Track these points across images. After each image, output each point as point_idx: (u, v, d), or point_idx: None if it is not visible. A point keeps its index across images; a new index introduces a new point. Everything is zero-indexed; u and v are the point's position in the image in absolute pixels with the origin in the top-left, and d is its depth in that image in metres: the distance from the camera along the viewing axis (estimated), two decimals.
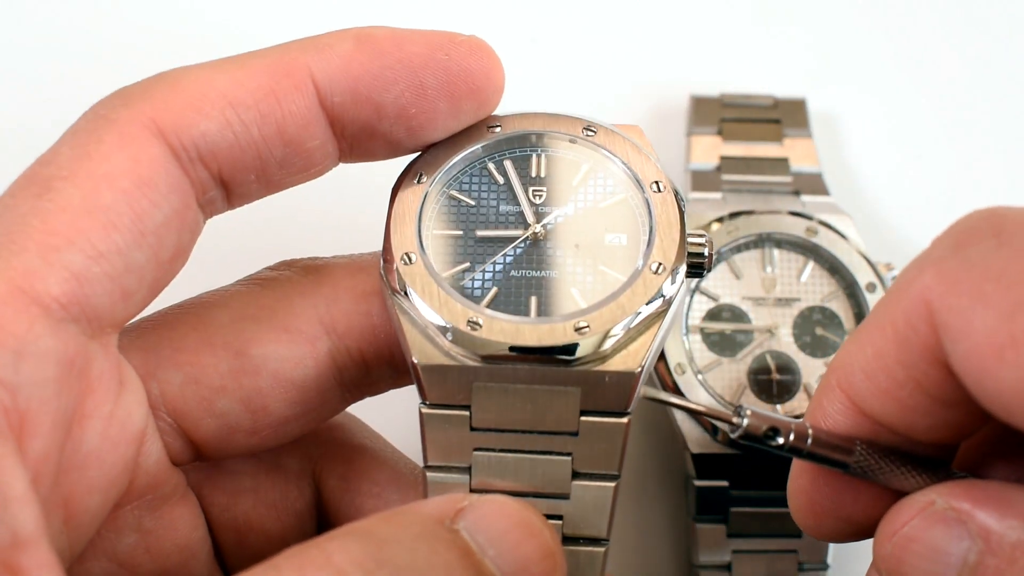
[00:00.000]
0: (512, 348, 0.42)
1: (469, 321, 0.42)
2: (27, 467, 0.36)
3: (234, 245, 0.60)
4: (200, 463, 0.48)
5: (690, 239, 0.45)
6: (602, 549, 0.45)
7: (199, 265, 0.45)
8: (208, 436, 0.45)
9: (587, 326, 0.42)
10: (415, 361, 0.42)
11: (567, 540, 0.44)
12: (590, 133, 0.47)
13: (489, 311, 0.43)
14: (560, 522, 0.44)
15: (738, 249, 0.64)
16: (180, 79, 0.42)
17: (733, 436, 0.42)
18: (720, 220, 0.64)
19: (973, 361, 0.37)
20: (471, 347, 0.42)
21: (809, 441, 0.41)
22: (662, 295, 0.43)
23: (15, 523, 0.35)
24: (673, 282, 0.44)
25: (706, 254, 0.45)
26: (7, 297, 0.37)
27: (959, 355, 0.37)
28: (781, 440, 0.41)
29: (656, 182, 0.46)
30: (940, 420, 0.41)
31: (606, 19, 0.77)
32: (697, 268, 0.45)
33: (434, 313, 0.43)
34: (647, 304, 0.43)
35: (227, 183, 0.43)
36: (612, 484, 0.44)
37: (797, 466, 0.44)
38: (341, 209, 0.69)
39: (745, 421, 0.42)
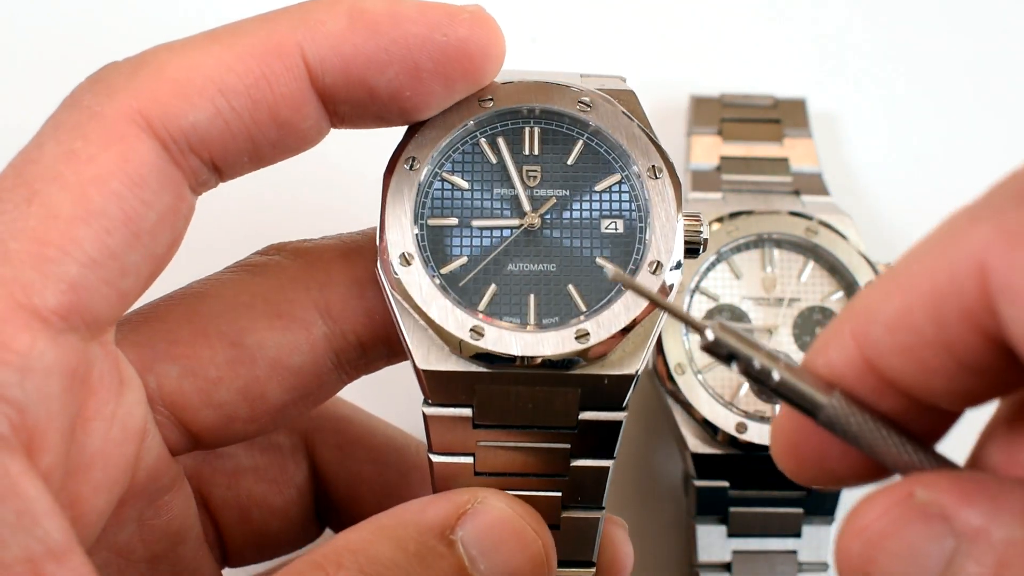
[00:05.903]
0: (514, 358, 0.43)
1: (471, 329, 0.43)
2: None
3: (219, 226, 0.60)
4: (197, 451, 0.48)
5: (685, 222, 0.45)
6: (599, 514, 0.46)
7: (183, 249, 0.44)
8: (207, 426, 0.45)
9: (587, 332, 0.43)
10: (419, 367, 0.43)
11: (566, 508, 0.46)
12: (585, 108, 0.46)
13: (490, 318, 0.43)
14: (559, 494, 0.45)
15: (738, 249, 0.64)
16: (165, 64, 0.40)
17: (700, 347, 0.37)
18: (720, 220, 0.64)
19: None
20: (474, 355, 0.43)
21: (777, 375, 0.36)
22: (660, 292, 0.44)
23: (47, 537, 0.35)
24: (670, 277, 0.44)
25: (701, 239, 0.45)
26: (7, 314, 0.36)
27: (1020, 323, 0.31)
28: (740, 365, 0.37)
29: (653, 166, 0.45)
30: (960, 386, 0.35)
31: (606, 19, 0.77)
32: (693, 252, 0.45)
33: (435, 321, 0.43)
34: (644, 305, 0.43)
35: (219, 167, 0.42)
36: (609, 463, 0.45)
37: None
38: (325, 185, 0.69)
39: (709, 334, 0.37)
